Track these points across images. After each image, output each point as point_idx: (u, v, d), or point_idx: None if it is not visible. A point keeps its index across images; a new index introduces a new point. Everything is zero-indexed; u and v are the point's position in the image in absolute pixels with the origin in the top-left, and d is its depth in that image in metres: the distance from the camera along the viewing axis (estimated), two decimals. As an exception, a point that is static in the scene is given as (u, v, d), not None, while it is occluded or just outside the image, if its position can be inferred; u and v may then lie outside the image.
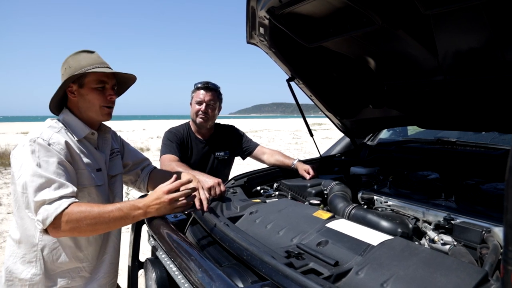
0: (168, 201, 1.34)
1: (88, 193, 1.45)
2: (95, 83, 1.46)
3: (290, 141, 17.31)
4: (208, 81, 2.39)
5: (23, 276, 1.39)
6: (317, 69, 2.21)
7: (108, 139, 1.65)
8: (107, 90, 1.50)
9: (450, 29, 1.34)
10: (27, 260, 1.40)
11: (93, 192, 1.48)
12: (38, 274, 1.40)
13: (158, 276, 1.24)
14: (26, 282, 1.39)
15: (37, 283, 1.40)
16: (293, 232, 1.32)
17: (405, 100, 2.06)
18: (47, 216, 1.23)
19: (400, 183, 1.77)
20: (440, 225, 1.37)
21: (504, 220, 0.41)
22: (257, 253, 1.05)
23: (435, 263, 0.98)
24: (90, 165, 1.48)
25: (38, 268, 1.40)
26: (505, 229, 0.42)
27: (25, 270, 1.40)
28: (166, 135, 2.37)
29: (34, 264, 1.40)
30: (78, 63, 1.45)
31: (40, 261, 1.40)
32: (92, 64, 1.45)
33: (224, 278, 0.89)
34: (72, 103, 1.51)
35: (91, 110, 1.49)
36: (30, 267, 1.40)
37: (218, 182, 1.74)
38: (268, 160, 2.48)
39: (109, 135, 1.67)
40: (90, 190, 1.46)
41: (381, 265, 1.00)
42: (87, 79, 1.45)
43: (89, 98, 1.47)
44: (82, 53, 1.49)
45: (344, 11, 1.52)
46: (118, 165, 1.69)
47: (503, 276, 0.42)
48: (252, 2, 1.75)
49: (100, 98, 1.48)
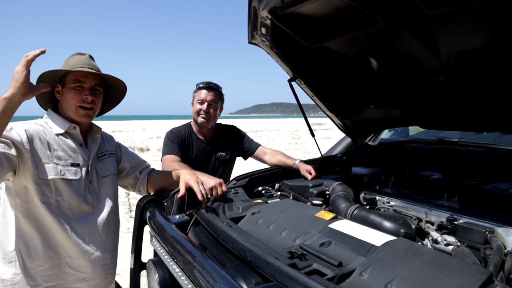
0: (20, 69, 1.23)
1: (54, 185, 1.44)
2: (73, 83, 1.50)
3: (290, 141, 17.31)
4: (210, 81, 2.40)
5: (4, 276, 1.41)
6: (319, 69, 2.21)
7: (97, 139, 1.67)
8: (84, 89, 1.51)
9: (453, 29, 1.33)
10: (7, 260, 1.42)
11: (61, 185, 1.46)
12: (18, 274, 1.41)
13: (161, 277, 1.24)
14: (8, 282, 1.41)
15: (18, 282, 1.41)
16: (296, 232, 1.32)
17: (407, 100, 2.06)
18: None
19: (402, 184, 1.77)
20: (443, 226, 1.37)
21: None
22: (260, 254, 1.05)
23: (439, 264, 0.98)
24: (63, 158, 1.49)
25: (17, 267, 1.41)
26: None
27: (7, 270, 1.41)
28: (168, 136, 2.37)
29: (14, 263, 1.41)
30: (66, 64, 1.51)
31: (19, 260, 1.41)
32: (76, 65, 1.49)
33: (228, 279, 0.89)
34: (59, 103, 1.57)
35: (69, 110, 1.52)
36: (11, 267, 1.41)
37: (220, 183, 1.74)
38: (269, 161, 2.48)
39: (98, 135, 1.68)
40: (56, 182, 1.45)
41: (385, 265, 1.00)
42: (67, 78, 1.50)
43: (66, 97, 1.51)
44: (76, 55, 1.55)
45: (346, 11, 1.52)
46: (110, 166, 1.70)
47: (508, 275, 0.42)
48: (254, 2, 1.75)
49: (76, 98, 1.50)
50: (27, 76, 1.22)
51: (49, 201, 1.43)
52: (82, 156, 1.56)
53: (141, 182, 1.81)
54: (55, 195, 1.45)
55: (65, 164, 1.49)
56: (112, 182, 1.69)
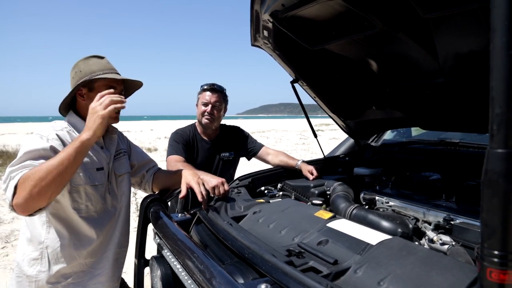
0: (100, 119, 1.30)
1: (84, 192, 1.49)
2: (105, 88, 1.50)
3: (297, 142, 17.29)
4: (214, 83, 2.44)
5: (29, 273, 1.45)
6: (321, 71, 2.23)
7: (114, 140, 1.70)
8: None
9: (449, 32, 1.35)
10: (33, 258, 1.45)
11: (89, 190, 1.51)
12: (43, 271, 1.45)
13: (163, 273, 1.28)
14: (32, 278, 1.45)
15: (42, 279, 1.45)
16: (295, 231, 1.35)
17: (408, 101, 2.08)
18: (8, 188, 1.23)
19: (402, 184, 1.79)
20: (440, 226, 1.39)
21: (480, 218, 0.44)
22: (258, 251, 1.08)
23: (431, 262, 1.00)
24: (90, 164, 1.51)
25: (43, 265, 1.45)
26: (481, 227, 0.45)
27: (32, 267, 1.45)
28: (173, 136, 2.41)
29: (40, 261, 1.45)
30: (89, 67, 1.50)
31: (45, 258, 1.45)
32: (102, 70, 1.51)
33: (224, 275, 0.92)
34: (80, 106, 1.56)
35: None
36: (36, 264, 1.45)
37: (222, 182, 1.77)
38: (272, 161, 2.51)
39: (115, 135, 1.71)
40: (86, 189, 1.50)
41: (379, 263, 1.03)
42: (97, 83, 1.51)
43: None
44: (93, 58, 1.55)
45: (346, 15, 1.55)
46: (125, 164, 1.73)
47: (480, 271, 0.45)
48: (256, 5, 1.78)
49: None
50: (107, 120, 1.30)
51: (80, 207, 1.48)
52: (104, 158, 1.60)
53: (146, 181, 1.85)
54: (85, 201, 1.50)
55: (92, 169, 1.52)
56: (127, 180, 1.73)
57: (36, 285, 1.45)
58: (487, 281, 0.43)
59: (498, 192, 0.42)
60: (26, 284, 1.46)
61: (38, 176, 1.19)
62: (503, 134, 0.42)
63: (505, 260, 0.42)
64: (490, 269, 0.43)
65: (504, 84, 0.41)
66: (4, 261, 3.68)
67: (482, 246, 0.44)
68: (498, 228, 0.42)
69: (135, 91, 1.75)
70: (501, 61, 0.41)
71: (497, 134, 0.42)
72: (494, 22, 0.41)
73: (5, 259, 3.72)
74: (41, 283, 1.45)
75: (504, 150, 0.42)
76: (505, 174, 0.42)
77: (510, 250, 0.42)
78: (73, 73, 1.53)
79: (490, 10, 0.42)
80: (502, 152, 0.42)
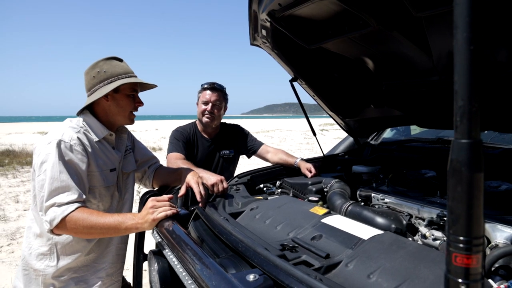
0: (152, 204, 1.41)
1: (98, 193, 1.54)
2: (130, 91, 1.58)
3: (301, 141, 17.27)
4: (214, 81, 2.47)
5: (37, 267, 1.49)
6: (319, 69, 2.25)
7: (124, 139, 1.73)
8: (136, 97, 1.62)
9: (442, 30, 1.37)
10: (41, 252, 1.49)
11: (102, 191, 1.56)
12: (50, 266, 1.49)
13: (160, 266, 1.31)
14: (40, 272, 1.49)
15: (49, 273, 1.49)
16: (290, 227, 1.37)
17: (404, 100, 2.09)
18: (54, 217, 1.32)
19: (398, 181, 1.81)
20: (433, 222, 1.40)
21: (447, 206, 0.46)
22: (251, 244, 1.11)
23: (420, 256, 1.02)
24: (104, 166, 1.55)
25: (51, 260, 1.49)
26: (447, 215, 0.47)
27: (40, 261, 1.49)
28: (173, 134, 2.44)
29: (48, 256, 1.49)
30: (113, 69, 1.54)
31: (54, 254, 1.49)
32: (126, 73, 1.56)
33: (216, 267, 0.95)
34: (99, 106, 1.58)
35: (121, 115, 1.59)
36: (44, 258, 1.49)
37: (221, 179, 1.80)
38: (272, 159, 2.54)
39: (125, 135, 1.75)
40: (100, 190, 1.55)
41: (370, 257, 1.05)
42: (122, 86, 1.55)
43: (122, 104, 1.57)
44: (113, 60, 1.58)
45: (342, 14, 1.57)
46: (132, 162, 1.77)
47: (446, 257, 0.47)
48: (254, 5, 1.81)
49: (131, 104, 1.60)
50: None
51: (92, 207, 1.51)
52: (116, 159, 1.63)
53: (147, 177, 1.88)
54: (98, 201, 1.55)
55: (106, 171, 1.56)
56: (132, 177, 1.78)
57: (42, 279, 1.49)
58: (453, 265, 0.45)
59: (461, 181, 0.44)
60: (33, 277, 1.50)
61: (84, 225, 1.33)
62: (465, 125, 0.44)
63: (469, 245, 0.44)
64: (455, 254, 0.45)
65: (465, 78, 0.43)
66: (10, 257, 3.73)
67: (448, 233, 0.46)
68: (462, 215, 0.44)
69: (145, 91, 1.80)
70: (463, 56, 0.43)
71: (460, 125, 0.44)
72: (456, 18, 0.43)
73: (10, 256, 3.78)
74: (47, 277, 1.49)
75: (467, 140, 0.44)
76: (468, 163, 0.44)
77: (473, 236, 0.44)
78: (94, 73, 1.54)
79: (453, 7, 0.44)
80: (465, 142, 0.44)
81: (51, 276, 1.49)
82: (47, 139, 1.41)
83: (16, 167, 9.47)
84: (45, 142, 1.40)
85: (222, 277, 0.88)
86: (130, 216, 1.39)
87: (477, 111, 0.43)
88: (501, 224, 1.19)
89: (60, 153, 1.38)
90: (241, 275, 0.90)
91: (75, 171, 1.41)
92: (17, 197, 6.26)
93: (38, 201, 1.40)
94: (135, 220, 1.37)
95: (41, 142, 1.42)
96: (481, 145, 0.44)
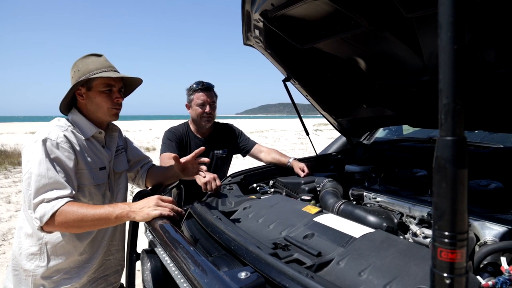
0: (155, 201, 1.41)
1: (88, 192, 1.52)
2: (103, 87, 1.52)
3: (295, 141, 17.30)
4: (202, 81, 2.41)
5: (27, 267, 1.47)
6: (312, 69, 2.26)
7: (114, 137, 1.72)
8: (114, 93, 1.56)
9: (432, 31, 1.38)
10: (31, 252, 1.48)
11: (92, 190, 1.55)
12: (41, 266, 1.47)
13: (153, 265, 1.31)
14: (30, 272, 1.47)
15: (39, 274, 1.47)
16: (283, 225, 1.38)
17: (396, 99, 2.11)
18: (44, 214, 1.30)
19: (390, 180, 1.82)
20: (424, 220, 1.42)
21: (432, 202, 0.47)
22: (243, 243, 1.12)
23: (410, 254, 1.04)
24: (93, 164, 1.54)
25: (41, 260, 1.47)
26: (432, 211, 0.48)
27: (30, 261, 1.47)
28: (166, 134, 2.43)
29: (38, 256, 1.48)
30: (86, 66, 1.51)
31: (44, 254, 1.48)
32: (99, 68, 1.51)
33: (208, 265, 0.96)
34: (80, 104, 1.57)
35: (99, 112, 1.55)
36: (34, 259, 1.48)
37: (214, 177, 1.80)
38: (265, 158, 2.54)
39: (116, 133, 1.73)
40: (90, 189, 1.53)
41: (361, 255, 1.06)
42: (94, 82, 1.51)
43: (97, 101, 1.53)
44: (91, 56, 1.56)
45: (334, 14, 1.58)
46: (124, 162, 1.76)
47: (432, 251, 0.48)
48: (247, 5, 1.82)
49: (108, 101, 1.54)
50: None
51: None
52: (106, 157, 1.62)
53: (140, 176, 1.88)
54: (88, 200, 1.53)
55: (95, 169, 1.54)
56: (125, 177, 1.76)
57: (32, 279, 1.48)
58: (438, 260, 0.46)
59: (446, 177, 0.45)
60: (23, 277, 1.49)
61: (74, 217, 1.32)
62: (450, 123, 0.45)
63: (454, 240, 0.45)
64: (440, 249, 0.46)
65: (449, 77, 0.44)
66: (1, 258, 3.70)
67: (433, 228, 0.47)
68: (446, 211, 0.45)
69: (136, 88, 1.76)
70: (447, 55, 0.44)
71: (444, 122, 0.45)
72: (441, 18, 0.44)
73: (1, 257, 3.74)
74: (37, 277, 1.48)
75: (451, 138, 0.45)
76: (452, 159, 0.45)
77: (457, 231, 0.45)
78: (72, 73, 1.54)
79: (438, 7, 0.45)
80: (449, 140, 0.45)
81: (41, 276, 1.47)
82: (34, 138, 1.40)
83: (8, 167, 9.38)
84: (32, 141, 1.39)
85: (214, 275, 0.88)
86: (121, 205, 1.38)
87: (461, 109, 0.44)
88: (490, 222, 1.21)
89: (46, 151, 1.37)
90: (233, 273, 0.90)
91: (63, 168, 1.39)
92: (8, 197, 6.20)
93: (26, 199, 1.38)
94: (128, 208, 1.37)
95: (28, 141, 1.42)
96: (465, 142, 0.45)
